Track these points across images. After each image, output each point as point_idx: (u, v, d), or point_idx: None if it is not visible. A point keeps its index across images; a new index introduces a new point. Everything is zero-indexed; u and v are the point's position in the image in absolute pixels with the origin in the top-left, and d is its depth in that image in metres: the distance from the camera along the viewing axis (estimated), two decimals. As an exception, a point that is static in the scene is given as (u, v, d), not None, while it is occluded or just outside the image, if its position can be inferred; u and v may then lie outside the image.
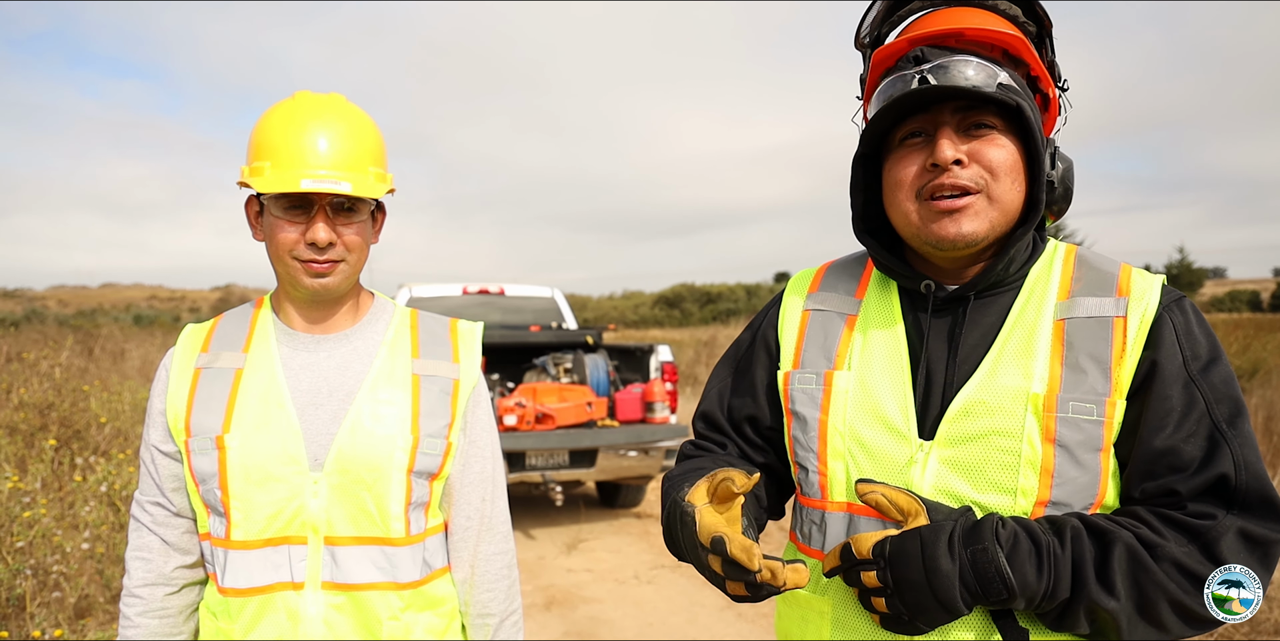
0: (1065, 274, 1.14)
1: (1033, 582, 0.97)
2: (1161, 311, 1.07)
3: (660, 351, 6.39)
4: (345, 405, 1.39)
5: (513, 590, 1.53)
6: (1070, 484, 1.04)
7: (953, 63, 1.06)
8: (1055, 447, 1.04)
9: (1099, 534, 1.00)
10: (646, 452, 5.89)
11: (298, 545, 1.36)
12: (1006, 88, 1.07)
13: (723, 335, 17.53)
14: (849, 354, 1.20)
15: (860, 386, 1.16)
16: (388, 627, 1.38)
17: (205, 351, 1.43)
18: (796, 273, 1.37)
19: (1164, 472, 1.02)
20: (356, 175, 1.33)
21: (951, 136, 1.09)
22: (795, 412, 1.21)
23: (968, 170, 1.08)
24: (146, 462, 1.44)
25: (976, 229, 1.09)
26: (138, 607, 1.43)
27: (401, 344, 1.46)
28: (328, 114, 1.36)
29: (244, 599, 1.36)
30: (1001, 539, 0.99)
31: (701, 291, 44.89)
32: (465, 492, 1.47)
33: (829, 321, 1.24)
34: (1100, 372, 1.05)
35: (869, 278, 1.27)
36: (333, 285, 1.36)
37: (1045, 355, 1.08)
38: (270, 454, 1.35)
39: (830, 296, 1.27)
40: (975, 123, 1.09)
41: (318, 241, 1.31)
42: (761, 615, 4.47)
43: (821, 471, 1.17)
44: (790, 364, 1.24)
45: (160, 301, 57.72)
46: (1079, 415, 1.04)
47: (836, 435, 1.16)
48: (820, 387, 1.19)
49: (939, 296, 1.16)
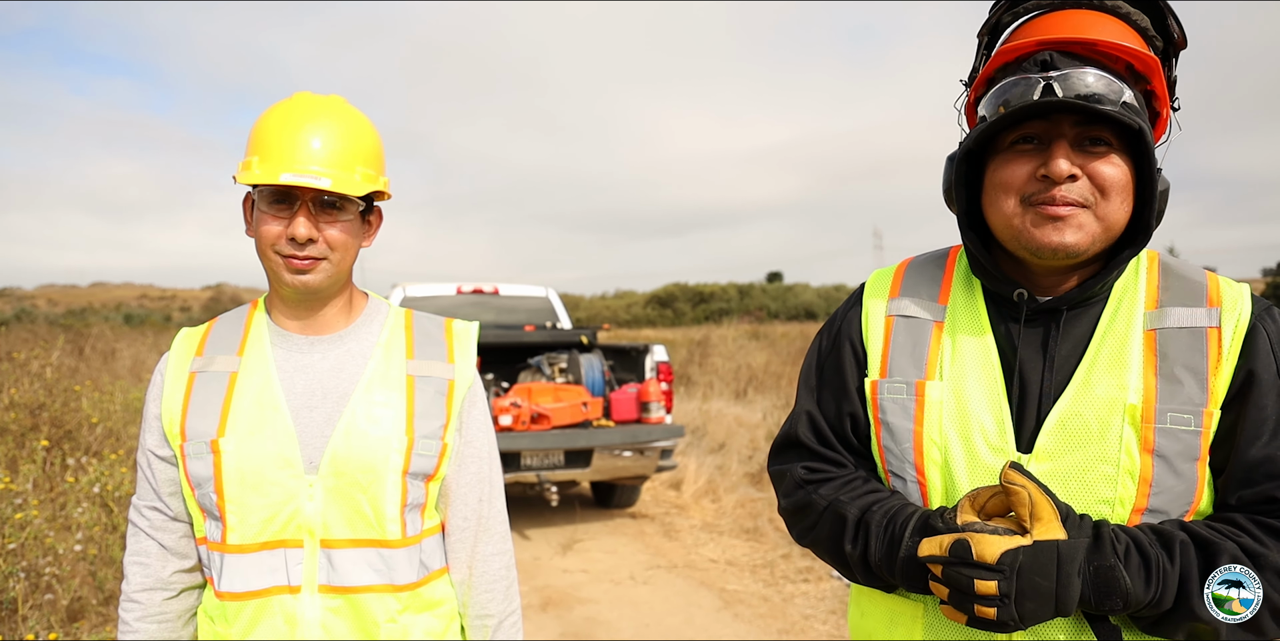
0: (1151, 283, 1.15)
1: (1141, 594, 1.00)
2: (1254, 321, 1.08)
3: (655, 351, 6.39)
4: (340, 407, 1.38)
5: (511, 590, 1.52)
6: (1168, 493, 1.06)
7: (1081, 74, 1.06)
8: (1154, 458, 1.05)
9: (1204, 546, 1.02)
10: (642, 453, 5.89)
11: (294, 548, 1.34)
12: (1129, 106, 1.07)
13: (715, 335, 17.52)
14: (940, 363, 1.19)
15: (955, 397, 1.16)
16: (385, 630, 1.37)
17: (200, 355, 1.42)
18: (872, 273, 1.34)
19: (1262, 480, 1.04)
20: (341, 173, 1.32)
21: (1068, 150, 1.08)
22: (886, 422, 1.20)
23: (1078, 185, 1.08)
24: (143, 467, 1.43)
25: (1079, 241, 1.09)
26: (136, 612, 1.41)
27: (396, 345, 1.45)
28: (323, 114, 1.36)
29: (241, 603, 1.35)
30: (1120, 553, 1.00)
31: (694, 291, 44.93)
32: (462, 493, 1.46)
33: (917, 328, 1.23)
34: (1196, 383, 1.07)
35: (951, 281, 1.26)
36: (314, 283, 1.35)
37: (1138, 366, 1.09)
38: (265, 457, 1.34)
39: (913, 301, 1.25)
40: (1093, 137, 1.09)
41: (297, 236, 1.30)
42: (758, 616, 4.46)
43: (920, 481, 1.17)
44: (878, 372, 1.23)
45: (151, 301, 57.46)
46: (1176, 426, 1.05)
47: (933, 446, 1.15)
48: (912, 398, 1.18)
49: (1030, 307, 1.16)
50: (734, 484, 7.23)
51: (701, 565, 5.37)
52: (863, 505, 1.17)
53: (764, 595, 4.78)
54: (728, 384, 12.91)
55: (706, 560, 5.48)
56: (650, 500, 7.12)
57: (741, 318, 29.27)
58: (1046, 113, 1.08)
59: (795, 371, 12.99)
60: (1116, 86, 1.06)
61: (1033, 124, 1.10)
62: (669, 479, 7.41)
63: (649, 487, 7.37)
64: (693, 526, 6.31)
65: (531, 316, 7.59)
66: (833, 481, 1.23)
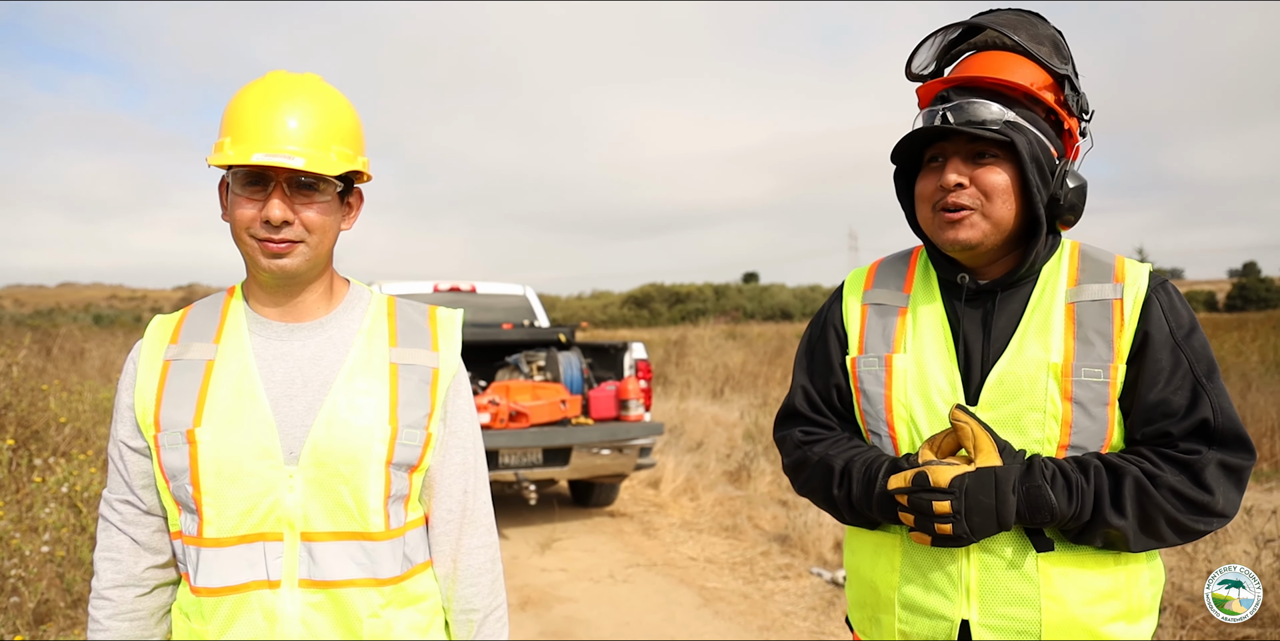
0: (1072, 265, 1.41)
1: (1065, 509, 1.26)
2: (1150, 293, 1.35)
3: (634, 349, 6.36)
4: (321, 396, 1.34)
5: (496, 584, 1.48)
6: (1084, 432, 1.32)
7: (969, 104, 1.35)
8: (1073, 404, 1.32)
9: (1113, 469, 1.29)
10: (620, 450, 5.86)
11: (273, 542, 1.30)
12: (1011, 124, 1.34)
13: (692, 334, 17.53)
14: (904, 339, 1.46)
15: (916, 365, 1.43)
16: (368, 626, 1.33)
17: (174, 343, 1.38)
18: (850, 273, 1.62)
19: (1158, 419, 1.31)
20: (316, 152, 1.28)
21: (958, 164, 1.37)
22: (863, 390, 1.47)
23: (967, 191, 1.36)
24: (115, 459, 1.38)
25: (970, 236, 1.36)
26: (107, 610, 1.37)
27: (379, 332, 1.41)
28: (297, 92, 1.31)
29: (218, 598, 1.30)
30: (1046, 476, 1.27)
31: (670, 291, 44.96)
32: (446, 484, 1.42)
33: (885, 313, 1.50)
34: (1105, 343, 1.33)
35: (914, 273, 1.52)
36: (291, 267, 1.30)
37: (1060, 332, 1.36)
38: (243, 448, 1.29)
39: (883, 292, 1.52)
40: (980, 152, 1.36)
41: (271, 219, 1.26)
42: (738, 613, 4.45)
43: (892, 436, 1.44)
44: (856, 350, 1.50)
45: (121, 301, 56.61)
46: (1089, 378, 1.32)
47: (900, 405, 1.43)
48: (882, 368, 1.46)
49: (971, 288, 1.42)
50: (712, 482, 7.22)
51: (681, 563, 5.35)
52: (847, 457, 1.44)
53: (744, 592, 4.77)
54: (705, 383, 12.93)
55: (686, 558, 5.46)
56: (629, 499, 7.09)
57: (718, 318, 29.33)
58: (946, 134, 1.37)
59: (772, 371, 13.13)
60: (997, 110, 1.34)
61: (938, 145, 1.40)
62: (647, 477, 7.39)
63: (627, 486, 7.34)
64: (672, 524, 6.29)
65: (509, 314, 7.54)
66: (824, 441, 1.51)
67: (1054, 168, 1.36)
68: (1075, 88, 1.40)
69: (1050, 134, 1.38)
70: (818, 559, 5.23)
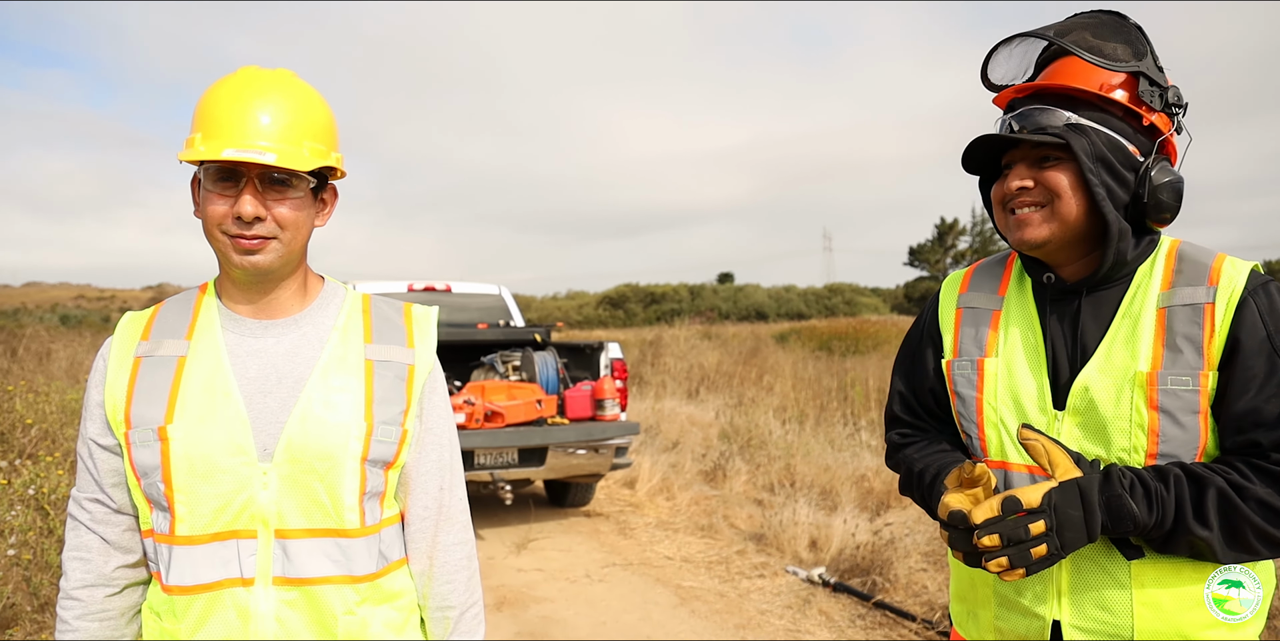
0: (1167, 268, 1.39)
1: (1145, 518, 1.25)
2: (1246, 295, 1.31)
3: (610, 348, 6.35)
4: (295, 392, 1.33)
5: (473, 581, 1.48)
6: (1173, 441, 1.30)
7: (1033, 111, 1.39)
8: (1159, 413, 1.31)
9: (1196, 479, 1.26)
10: (596, 450, 5.85)
11: (247, 539, 1.29)
12: (1074, 127, 1.35)
13: (668, 335, 17.54)
14: (996, 343, 1.49)
15: (1006, 370, 1.45)
16: (343, 623, 1.32)
17: (146, 339, 1.36)
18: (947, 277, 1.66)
19: (1249, 428, 1.28)
20: (288, 147, 1.27)
21: (1023, 169, 1.40)
22: (957, 393, 1.51)
23: (1033, 192, 1.39)
24: (84, 457, 1.36)
25: (1036, 235, 1.39)
26: (76, 610, 1.35)
27: (354, 329, 1.40)
28: (269, 88, 1.30)
29: (190, 597, 1.29)
30: (1125, 486, 1.26)
31: (646, 292, 44.96)
32: (422, 481, 1.42)
33: (979, 317, 1.53)
34: (1194, 350, 1.31)
35: (1009, 277, 1.54)
36: (264, 264, 1.29)
37: (1150, 339, 1.34)
38: (216, 444, 1.28)
39: (977, 295, 1.55)
40: (1045, 155, 1.38)
41: (243, 215, 1.25)
42: (714, 612, 4.46)
43: (981, 438, 1.47)
44: (951, 353, 1.54)
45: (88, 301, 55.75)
46: (1177, 387, 1.30)
47: (990, 408, 1.46)
48: (975, 372, 1.49)
49: (1057, 287, 1.44)
50: (688, 481, 7.23)
51: (657, 562, 5.35)
52: (924, 462, 1.51)
53: (720, 591, 4.78)
54: (680, 383, 12.93)
55: (662, 557, 5.46)
56: (605, 498, 7.09)
57: (693, 318, 29.35)
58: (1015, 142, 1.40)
59: (747, 371, 13.16)
60: (1062, 115, 1.36)
61: (1009, 152, 1.43)
62: (623, 477, 7.39)
63: (603, 486, 7.34)
64: (648, 524, 6.29)
65: (484, 314, 7.51)
66: (914, 444, 1.58)
67: (1134, 166, 1.35)
68: (1156, 82, 1.37)
69: (1128, 132, 1.36)
70: (793, 557, 5.26)
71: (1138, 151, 1.36)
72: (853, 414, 9.76)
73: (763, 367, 13.10)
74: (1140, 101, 1.37)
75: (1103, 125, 1.36)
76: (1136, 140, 1.37)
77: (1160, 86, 1.38)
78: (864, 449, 7.58)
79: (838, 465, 6.90)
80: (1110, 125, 1.36)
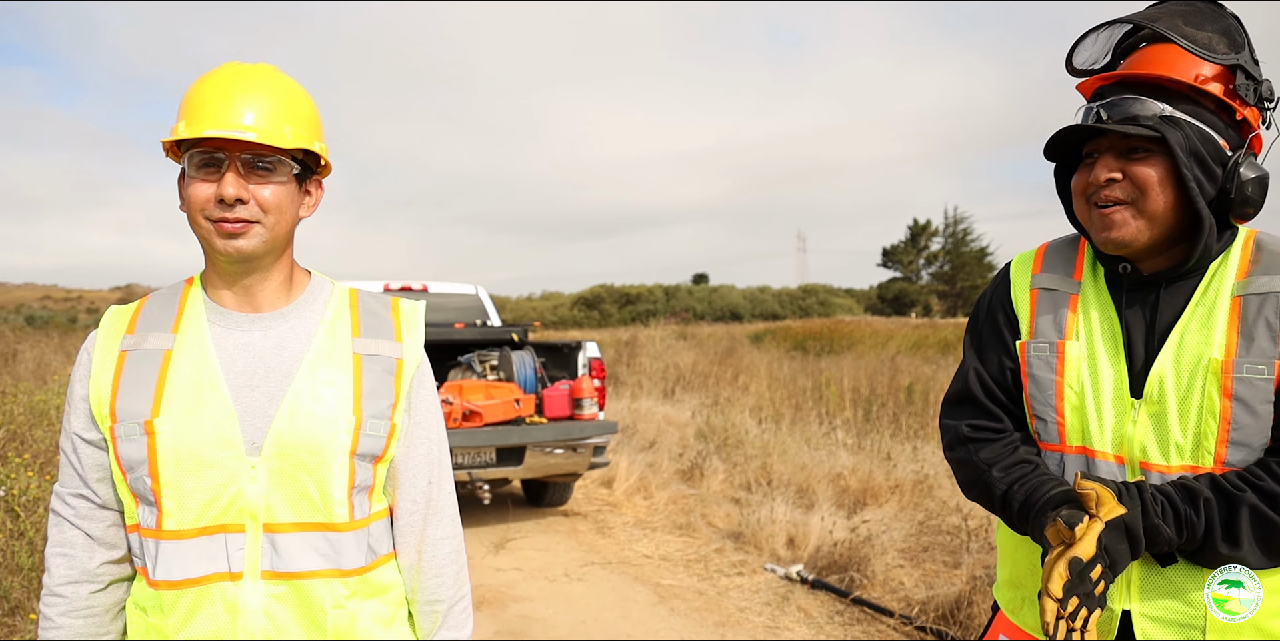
0: (1243, 257, 1.38)
1: (1176, 540, 1.28)
2: None
3: (588, 348, 6.36)
4: (283, 386, 1.32)
5: (461, 575, 1.48)
6: (1246, 428, 1.30)
7: (1123, 101, 1.35)
8: (1232, 401, 1.30)
9: (1227, 498, 1.27)
10: (575, 449, 5.85)
11: (235, 533, 1.29)
12: (1167, 119, 1.32)
13: (643, 335, 17.55)
14: (1075, 326, 1.45)
15: (1088, 354, 1.43)
16: (332, 617, 1.32)
17: (131, 333, 1.35)
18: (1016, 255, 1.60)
19: None
20: (269, 128, 1.27)
21: (1110, 160, 1.36)
22: (1032, 375, 1.47)
23: (1120, 186, 1.35)
24: (67, 452, 1.35)
25: (1122, 235, 1.36)
26: (60, 607, 1.33)
27: (341, 323, 1.40)
28: (252, 79, 1.31)
29: (178, 592, 1.28)
30: (1159, 513, 1.28)
31: (621, 292, 44.93)
32: (410, 475, 1.42)
33: (1056, 299, 1.49)
34: (1269, 338, 1.30)
35: (1083, 260, 1.51)
36: (248, 249, 1.29)
37: (1223, 327, 1.33)
38: (204, 438, 1.27)
39: (1053, 276, 1.51)
40: (1134, 147, 1.34)
41: (225, 196, 1.25)
42: (694, 610, 4.47)
43: (1060, 422, 1.44)
44: (1026, 334, 1.50)
45: (55, 302, 54.81)
46: (1251, 375, 1.29)
47: (1070, 392, 1.43)
48: (1054, 355, 1.45)
49: (1133, 279, 1.41)
50: (665, 481, 7.24)
51: (636, 561, 5.36)
52: (1008, 482, 1.44)
53: (699, 589, 4.80)
54: (656, 383, 12.96)
55: (640, 556, 5.47)
56: (582, 498, 7.08)
57: (668, 319, 29.40)
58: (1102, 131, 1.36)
59: (722, 371, 13.21)
60: (1154, 106, 1.32)
61: (1094, 141, 1.39)
62: (600, 477, 7.39)
63: (581, 486, 7.33)
64: (626, 523, 6.30)
65: (461, 314, 7.48)
66: (989, 445, 1.50)
67: (1224, 160, 1.33)
68: (1251, 75, 1.34)
69: (1220, 126, 1.33)
70: (771, 555, 5.28)
71: (1227, 146, 1.33)
72: (828, 413, 9.83)
73: (738, 368, 13.15)
74: (1235, 95, 1.33)
75: (1196, 119, 1.32)
76: (1226, 134, 1.34)
77: (1255, 80, 1.34)
78: (840, 447, 7.63)
79: (814, 463, 6.94)
80: (1203, 118, 1.33)
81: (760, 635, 4.12)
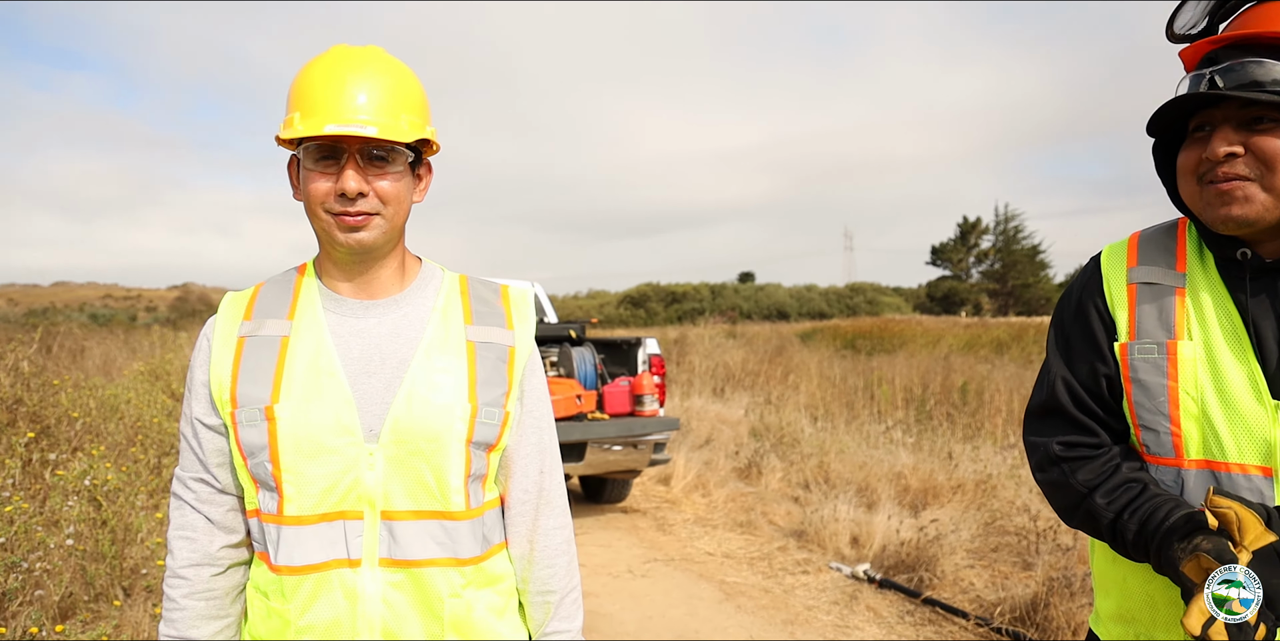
0: None
1: None
2: None
3: (648, 344, 6.35)
4: (400, 373, 1.32)
5: (572, 565, 1.47)
6: None
7: (1242, 64, 1.19)
8: None
9: None
10: (635, 446, 5.84)
11: (353, 520, 1.28)
12: None
13: (692, 334, 17.52)
14: (1187, 324, 1.29)
15: (1206, 354, 1.27)
16: (449, 605, 1.31)
17: (248, 319, 1.36)
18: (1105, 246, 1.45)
19: None
20: (386, 120, 1.26)
21: (1228, 132, 1.21)
22: (1138, 380, 1.31)
23: (1241, 161, 1.21)
24: (188, 437, 1.36)
25: (1246, 212, 1.21)
26: (183, 589, 1.34)
27: (453, 310, 1.39)
28: (363, 64, 1.30)
29: (299, 577, 1.28)
30: None
31: (666, 291, 44.92)
32: (523, 464, 1.41)
33: (1159, 294, 1.33)
34: None
35: (1185, 250, 1.35)
36: (369, 241, 1.29)
37: None
38: (323, 424, 1.28)
39: (1152, 270, 1.35)
40: (1257, 116, 1.20)
41: (346, 191, 1.24)
42: (760, 607, 4.43)
43: (1176, 433, 1.28)
44: (1126, 335, 1.33)
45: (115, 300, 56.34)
46: None
47: (1188, 398, 1.27)
48: (1164, 357, 1.29)
49: (1254, 266, 1.26)
50: (723, 478, 7.21)
51: (699, 558, 5.33)
52: (1116, 508, 1.28)
53: (764, 587, 4.76)
54: (706, 382, 12.92)
55: (703, 553, 5.44)
56: (640, 495, 7.08)
57: (715, 317, 29.32)
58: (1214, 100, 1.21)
59: (772, 369, 13.14)
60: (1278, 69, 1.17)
61: (1205, 113, 1.24)
62: (657, 474, 7.38)
63: (638, 483, 7.33)
64: (685, 520, 6.27)
65: (519, 311, 7.50)
66: (1087, 464, 1.34)
67: None
68: None
69: None
70: (835, 553, 5.22)
71: None
72: (880, 412, 9.71)
73: (788, 366, 13.07)
74: None
75: None
76: None
77: None
78: (898, 447, 7.53)
79: (873, 462, 6.86)
80: None
81: (830, 634, 4.07)
